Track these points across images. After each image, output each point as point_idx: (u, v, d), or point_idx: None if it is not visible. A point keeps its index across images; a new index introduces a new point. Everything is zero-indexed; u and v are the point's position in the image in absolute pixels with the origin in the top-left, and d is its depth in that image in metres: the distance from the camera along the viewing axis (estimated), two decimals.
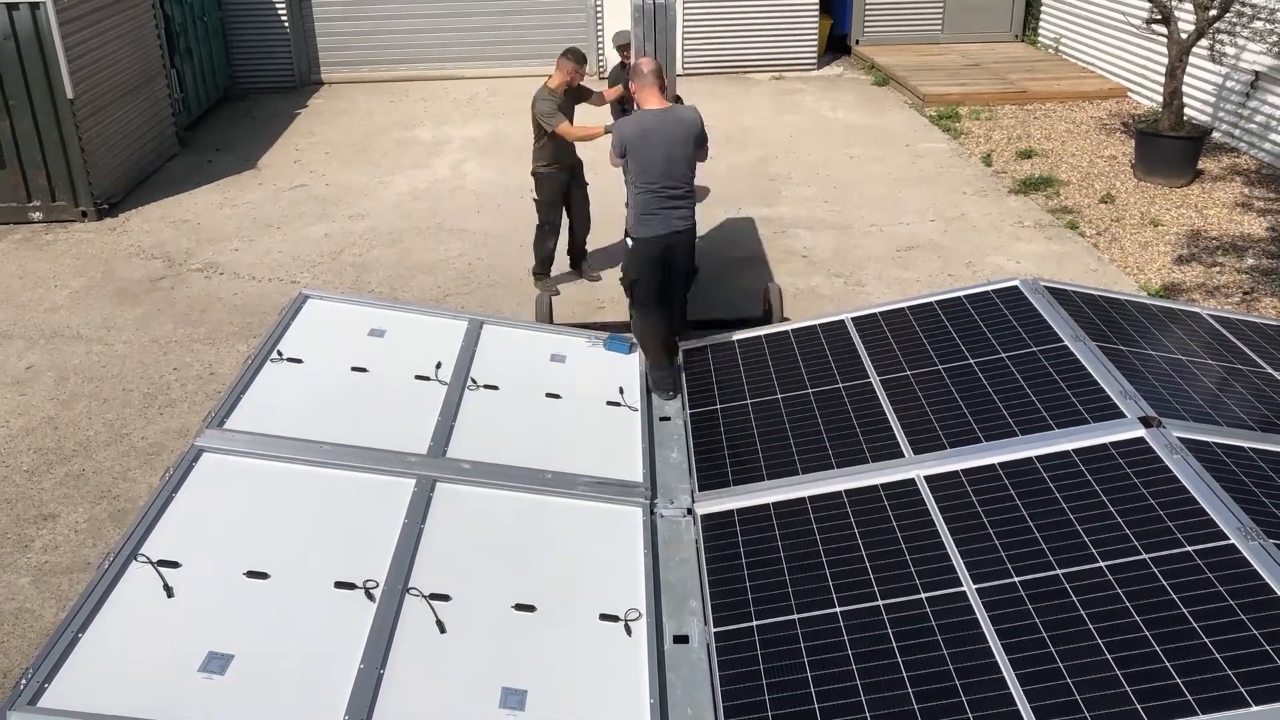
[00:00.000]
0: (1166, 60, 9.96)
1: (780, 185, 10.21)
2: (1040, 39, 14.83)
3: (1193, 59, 10.24)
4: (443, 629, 3.63)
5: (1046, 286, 5.41)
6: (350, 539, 3.97)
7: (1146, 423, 4.13)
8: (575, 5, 14.23)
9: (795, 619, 3.71)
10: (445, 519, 4.17)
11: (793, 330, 5.64)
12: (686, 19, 14.06)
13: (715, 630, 3.78)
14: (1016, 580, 3.59)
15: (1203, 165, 10.13)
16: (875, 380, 4.99)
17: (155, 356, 7.23)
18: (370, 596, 3.70)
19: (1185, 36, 9.65)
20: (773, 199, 9.86)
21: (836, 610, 3.69)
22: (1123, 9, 12.62)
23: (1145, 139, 9.98)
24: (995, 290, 5.45)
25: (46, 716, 3.05)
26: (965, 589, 3.62)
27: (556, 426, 4.96)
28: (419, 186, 10.42)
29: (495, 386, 5.17)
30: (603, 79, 10.61)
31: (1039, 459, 4.12)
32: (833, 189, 10.09)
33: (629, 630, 3.78)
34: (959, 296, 5.49)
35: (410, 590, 3.75)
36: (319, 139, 12.00)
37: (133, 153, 10.49)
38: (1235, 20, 9.66)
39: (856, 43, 15.08)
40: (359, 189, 10.38)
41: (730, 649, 3.67)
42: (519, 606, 3.79)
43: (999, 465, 4.15)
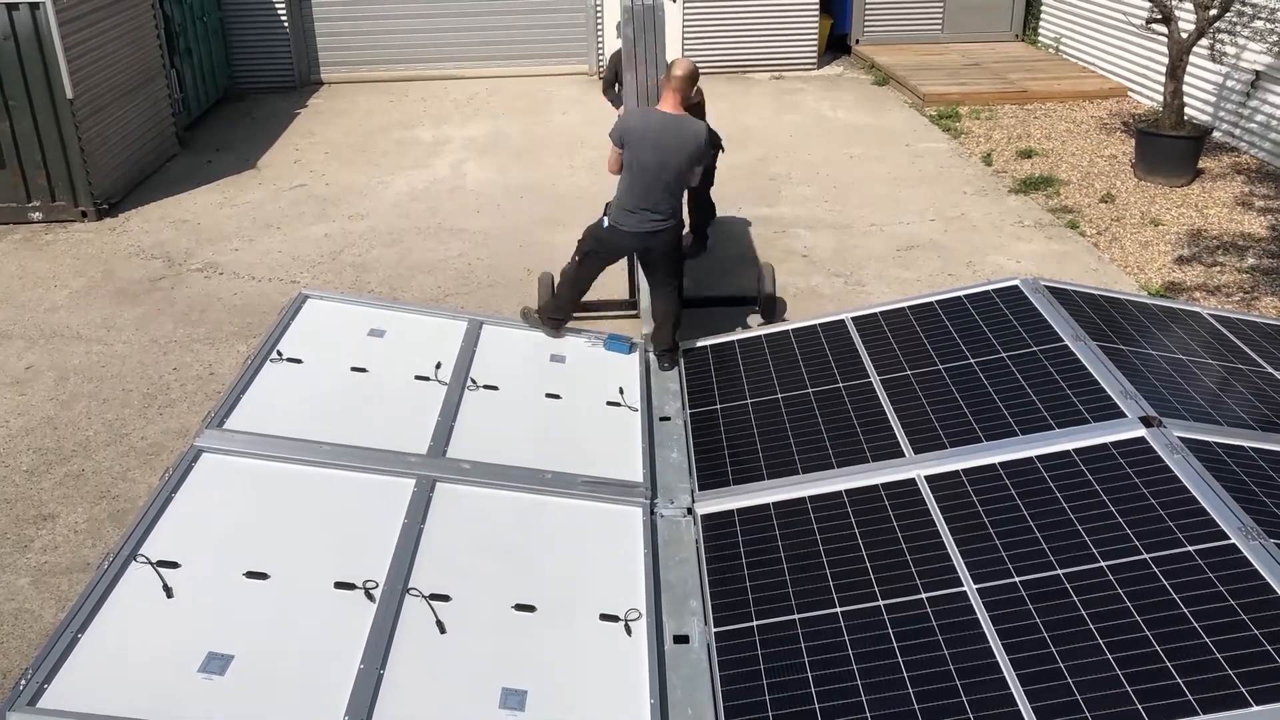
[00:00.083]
0: (1167, 60, 9.95)
1: (780, 185, 10.20)
2: (1040, 39, 14.82)
3: (1193, 58, 10.24)
4: (443, 629, 3.62)
5: (1047, 286, 5.40)
6: (350, 539, 3.96)
7: (1147, 422, 4.13)
8: (575, 5, 14.21)
9: (796, 619, 3.70)
10: (445, 519, 4.16)
11: (793, 330, 5.64)
12: (686, 19, 14.04)
13: (715, 630, 3.77)
14: (1017, 580, 3.59)
15: (1203, 165, 10.12)
16: (875, 380, 4.98)
17: (155, 356, 7.22)
18: (370, 597, 3.69)
19: (1185, 36, 9.65)
20: (773, 199, 9.85)
21: (837, 610, 3.69)
22: (1123, 9, 12.62)
23: (1145, 138, 9.97)
24: (995, 290, 5.45)
25: (46, 717, 3.04)
26: (966, 589, 3.61)
27: (556, 426, 4.95)
28: (419, 186, 10.41)
29: (495, 387, 5.16)
30: (601, 78, 10.58)
31: (1039, 459, 4.12)
32: (833, 189, 10.08)
33: (629, 630, 3.77)
34: (959, 296, 5.48)
35: (410, 590, 3.75)
36: (319, 139, 11.99)
37: (132, 153, 10.48)
38: (1235, 20, 9.65)
39: (856, 42, 15.07)
40: (359, 189, 10.37)
41: (730, 649, 3.66)
42: (519, 607, 3.78)
43: (999, 465, 4.15)
